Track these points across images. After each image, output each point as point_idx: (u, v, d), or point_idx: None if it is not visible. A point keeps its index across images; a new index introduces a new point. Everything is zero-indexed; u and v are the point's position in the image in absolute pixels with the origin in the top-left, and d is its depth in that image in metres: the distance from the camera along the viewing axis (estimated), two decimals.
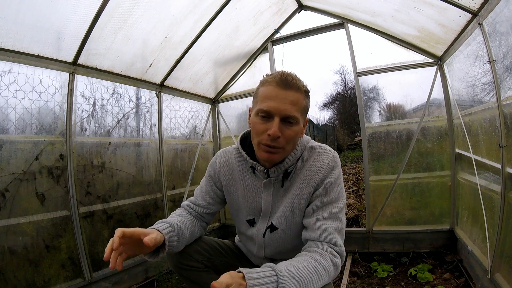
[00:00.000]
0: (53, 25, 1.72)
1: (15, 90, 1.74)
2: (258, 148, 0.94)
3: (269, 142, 0.89)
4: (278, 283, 0.74)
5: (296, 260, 0.83)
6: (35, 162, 1.82)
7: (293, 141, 0.94)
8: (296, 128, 0.91)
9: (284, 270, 0.77)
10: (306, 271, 0.79)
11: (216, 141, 3.49)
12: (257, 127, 0.92)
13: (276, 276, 0.75)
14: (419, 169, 2.52)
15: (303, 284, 0.77)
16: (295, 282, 0.76)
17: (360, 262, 2.50)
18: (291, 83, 0.90)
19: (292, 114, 0.89)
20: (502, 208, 1.59)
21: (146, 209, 2.54)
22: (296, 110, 0.90)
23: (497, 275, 1.63)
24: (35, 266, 1.76)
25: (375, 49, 2.62)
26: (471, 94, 2.03)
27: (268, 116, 0.90)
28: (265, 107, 0.89)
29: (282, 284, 0.74)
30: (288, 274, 0.76)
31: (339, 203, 0.94)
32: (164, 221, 0.98)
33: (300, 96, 0.91)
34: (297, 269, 0.79)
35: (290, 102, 0.89)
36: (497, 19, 1.56)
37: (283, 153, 0.93)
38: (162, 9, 2.06)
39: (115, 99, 2.36)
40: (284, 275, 0.75)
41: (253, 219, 1.07)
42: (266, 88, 0.92)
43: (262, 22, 2.77)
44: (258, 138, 0.92)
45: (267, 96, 0.90)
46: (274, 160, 0.94)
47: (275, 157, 0.93)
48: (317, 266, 0.82)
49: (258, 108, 0.92)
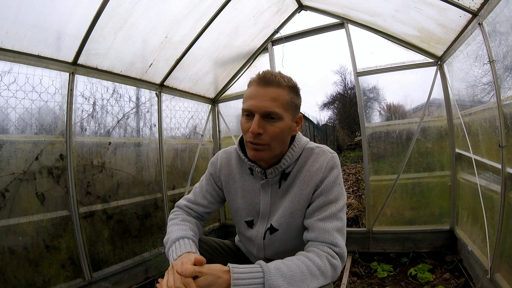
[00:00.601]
0: (53, 25, 1.72)
1: (15, 90, 1.75)
2: (247, 147, 0.96)
3: (252, 139, 0.90)
4: (264, 279, 0.75)
5: (289, 259, 0.83)
6: (35, 162, 1.82)
7: (280, 137, 0.93)
8: (280, 125, 0.91)
9: (273, 267, 0.77)
10: (297, 270, 0.79)
11: (216, 141, 3.49)
12: (242, 127, 0.95)
13: (263, 272, 0.76)
14: (419, 169, 2.52)
15: (294, 283, 0.77)
16: (284, 279, 0.76)
17: (360, 262, 2.50)
18: (270, 80, 0.91)
19: (271, 110, 0.89)
20: (502, 208, 1.59)
21: (146, 209, 2.54)
22: (276, 106, 0.89)
23: (497, 275, 1.63)
24: (35, 266, 1.76)
25: (375, 49, 2.62)
26: (471, 94, 2.03)
27: (251, 114, 0.92)
28: (246, 106, 0.92)
29: (268, 280, 0.75)
30: (276, 271, 0.77)
31: (339, 202, 0.94)
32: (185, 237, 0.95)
33: (282, 92, 0.91)
34: (287, 267, 0.79)
35: (269, 99, 0.89)
36: (497, 19, 1.56)
37: (269, 150, 0.93)
38: (162, 9, 2.06)
39: (115, 99, 2.36)
40: (271, 272, 0.76)
41: (251, 221, 1.07)
42: (249, 89, 0.95)
43: (262, 22, 2.77)
44: (245, 137, 0.95)
45: (249, 96, 0.93)
46: (261, 157, 0.94)
47: (262, 154, 0.93)
48: (310, 266, 0.81)
49: (242, 108, 0.95)
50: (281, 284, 0.75)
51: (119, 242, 2.28)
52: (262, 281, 0.75)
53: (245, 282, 0.74)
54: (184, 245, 0.91)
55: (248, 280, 0.74)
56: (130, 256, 2.34)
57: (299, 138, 1.02)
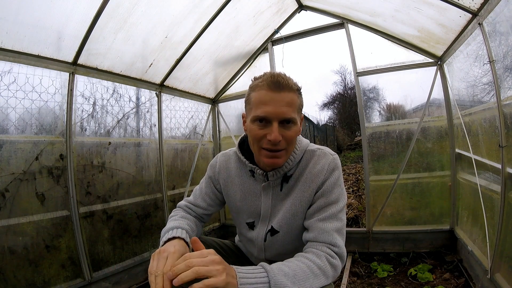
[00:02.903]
0: (53, 25, 1.72)
1: (15, 90, 1.75)
2: (259, 154, 0.93)
3: (270, 146, 0.88)
4: (269, 278, 0.74)
5: (289, 260, 0.83)
6: (35, 162, 1.82)
7: (294, 141, 0.94)
8: (295, 128, 0.91)
9: (275, 267, 0.77)
10: (299, 269, 0.79)
11: (216, 141, 3.49)
12: (255, 133, 0.90)
13: (266, 272, 0.75)
14: (419, 169, 2.52)
15: (297, 282, 0.77)
16: (287, 278, 0.76)
17: (360, 262, 2.50)
18: (283, 84, 0.87)
19: (290, 116, 0.87)
20: (502, 208, 1.59)
21: (146, 209, 2.54)
22: (292, 111, 0.88)
23: (497, 275, 1.63)
24: (35, 266, 1.76)
25: (375, 49, 2.62)
26: (471, 94, 2.03)
27: (266, 121, 0.88)
28: (261, 113, 0.87)
29: (273, 278, 0.74)
30: (279, 271, 0.76)
31: (339, 203, 0.94)
32: (179, 227, 0.95)
33: (294, 96, 0.90)
34: (289, 267, 0.79)
35: (286, 104, 0.87)
36: (497, 19, 1.56)
37: (285, 155, 0.93)
38: (162, 9, 2.06)
39: (115, 99, 2.36)
40: (274, 271, 0.76)
41: (252, 222, 1.07)
42: (258, 93, 0.90)
43: (262, 22, 2.77)
44: (258, 144, 0.91)
45: (261, 101, 0.88)
46: (278, 164, 0.93)
47: (279, 161, 0.92)
48: (311, 265, 0.81)
49: (254, 115, 0.89)
50: (286, 283, 0.75)
51: (119, 242, 2.28)
52: (267, 280, 0.74)
53: (251, 281, 0.72)
54: (177, 232, 0.91)
55: (253, 279, 0.73)
56: (130, 256, 2.34)
57: (300, 140, 1.02)
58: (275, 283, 0.74)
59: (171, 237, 0.87)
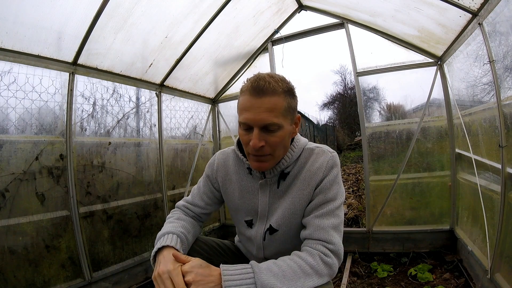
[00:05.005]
0: (53, 25, 1.72)
1: (15, 90, 1.75)
2: (248, 158, 0.96)
3: (255, 152, 0.90)
4: (255, 279, 0.75)
5: (281, 259, 0.84)
6: (35, 162, 1.82)
7: (281, 145, 0.92)
8: (280, 134, 0.89)
9: (264, 267, 0.78)
10: (289, 269, 0.80)
11: (216, 141, 3.49)
12: (241, 138, 0.93)
13: (253, 272, 0.76)
14: (419, 169, 2.52)
15: (286, 281, 0.77)
16: (276, 278, 0.77)
17: (360, 262, 2.50)
18: (264, 88, 0.85)
19: (270, 122, 0.86)
20: (502, 208, 1.59)
21: (146, 209, 2.54)
22: (274, 116, 0.86)
23: (497, 275, 1.63)
24: (35, 266, 1.76)
25: (375, 49, 2.62)
26: (471, 94, 2.03)
27: (248, 127, 0.89)
28: (243, 119, 0.88)
29: (259, 279, 0.75)
30: (267, 270, 0.77)
31: (337, 201, 0.94)
32: (170, 232, 0.96)
33: (278, 99, 0.87)
34: (278, 267, 0.79)
35: (265, 110, 0.85)
36: (497, 19, 1.56)
37: (272, 159, 0.93)
38: (162, 9, 2.06)
39: (115, 99, 2.36)
40: (262, 271, 0.77)
41: (251, 220, 1.07)
42: (242, 98, 0.90)
43: (262, 22, 2.77)
44: (246, 149, 0.94)
45: (243, 107, 0.88)
46: (265, 168, 0.94)
47: (266, 165, 0.93)
48: (302, 265, 0.81)
49: (239, 120, 0.92)
50: (274, 283, 0.76)
51: (119, 242, 2.28)
52: (253, 281, 0.75)
53: (236, 283, 0.75)
54: (167, 239, 0.91)
55: (238, 281, 0.75)
56: (130, 256, 2.34)
57: (298, 139, 1.02)
58: (262, 283, 0.75)
59: (160, 247, 0.88)
